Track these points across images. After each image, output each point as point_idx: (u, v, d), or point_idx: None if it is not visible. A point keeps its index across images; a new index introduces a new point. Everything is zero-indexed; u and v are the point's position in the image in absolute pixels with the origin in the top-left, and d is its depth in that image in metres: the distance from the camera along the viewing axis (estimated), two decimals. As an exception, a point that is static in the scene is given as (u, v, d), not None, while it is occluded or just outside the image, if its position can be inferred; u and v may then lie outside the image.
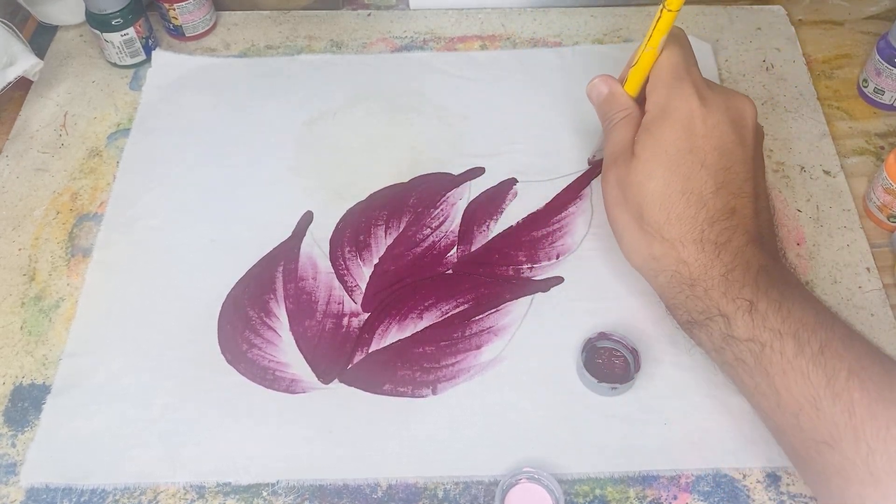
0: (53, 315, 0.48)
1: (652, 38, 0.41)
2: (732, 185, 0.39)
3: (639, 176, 0.40)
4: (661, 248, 0.39)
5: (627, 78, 0.44)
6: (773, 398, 0.35)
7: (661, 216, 0.39)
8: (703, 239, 0.38)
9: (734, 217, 0.39)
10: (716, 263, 0.38)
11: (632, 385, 0.44)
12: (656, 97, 0.41)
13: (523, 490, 0.40)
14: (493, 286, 0.49)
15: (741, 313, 0.36)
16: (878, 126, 0.57)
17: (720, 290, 0.37)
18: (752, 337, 0.36)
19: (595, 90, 0.46)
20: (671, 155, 0.39)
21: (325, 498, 0.42)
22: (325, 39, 0.64)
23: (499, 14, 0.65)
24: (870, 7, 0.65)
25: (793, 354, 0.35)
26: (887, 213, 0.51)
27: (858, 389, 0.33)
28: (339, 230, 0.52)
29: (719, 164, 0.39)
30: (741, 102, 0.41)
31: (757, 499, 0.41)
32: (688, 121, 0.39)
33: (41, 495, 0.42)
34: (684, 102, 0.40)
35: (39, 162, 0.56)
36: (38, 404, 0.45)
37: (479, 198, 0.53)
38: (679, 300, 0.39)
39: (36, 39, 0.64)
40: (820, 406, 0.33)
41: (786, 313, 0.35)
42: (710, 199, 0.38)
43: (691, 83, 0.40)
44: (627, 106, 0.44)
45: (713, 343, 0.38)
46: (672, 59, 0.41)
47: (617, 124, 0.43)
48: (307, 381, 0.46)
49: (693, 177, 0.39)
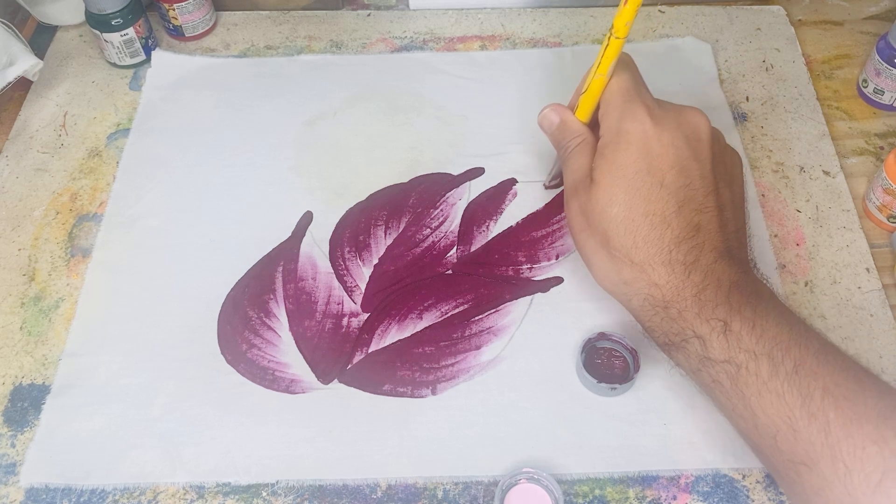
0: (53, 315, 0.48)
1: (601, 65, 0.41)
2: (694, 201, 0.39)
3: (600, 202, 0.39)
4: (630, 273, 0.39)
5: (578, 105, 0.44)
6: (750, 420, 0.35)
7: (628, 240, 0.38)
8: (672, 260, 0.38)
9: (700, 234, 0.38)
10: (687, 284, 0.37)
11: (631, 385, 0.44)
12: (609, 122, 0.41)
13: (523, 490, 0.40)
14: (492, 286, 0.49)
15: (716, 334, 0.36)
16: (877, 126, 0.57)
17: (693, 310, 0.37)
18: (728, 358, 0.36)
19: (546, 120, 0.45)
20: (629, 178, 0.39)
21: (325, 498, 0.42)
22: (325, 39, 0.64)
23: (499, 14, 0.65)
24: (869, 7, 0.65)
25: (768, 375, 0.34)
26: (887, 214, 0.51)
27: (833, 409, 0.33)
28: (339, 230, 0.52)
29: (678, 181, 0.39)
30: (692, 116, 0.41)
31: (756, 499, 0.41)
32: (642, 142, 0.39)
33: (41, 495, 0.42)
34: (637, 124, 0.40)
35: (39, 162, 0.56)
36: (37, 404, 0.45)
37: (478, 198, 0.53)
38: (654, 322, 0.39)
39: (36, 39, 0.64)
40: (796, 427, 0.33)
41: (759, 332, 0.35)
42: (673, 218, 0.38)
43: (642, 104, 0.40)
44: (580, 132, 0.43)
45: (690, 365, 0.38)
46: (622, 84, 0.41)
47: (572, 152, 0.43)
48: (307, 382, 0.46)
49: (654, 198, 0.38)
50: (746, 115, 0.58)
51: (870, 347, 0.46)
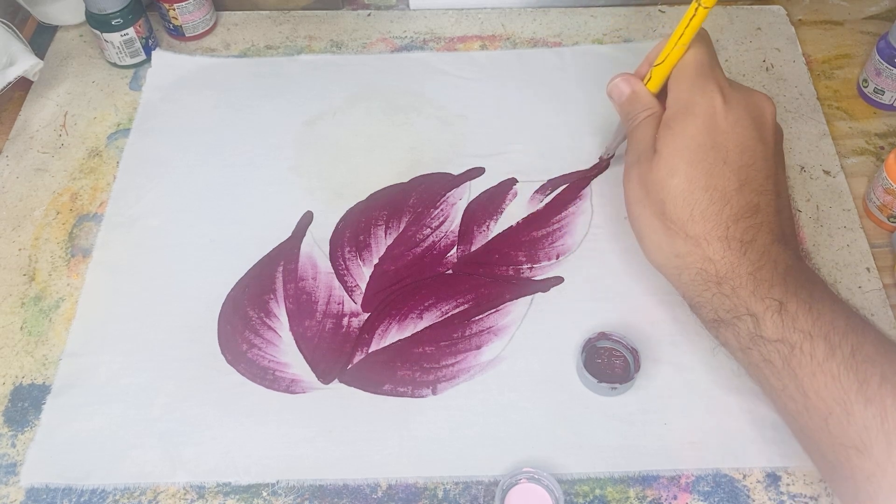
0: (53, 315, 0.48)
1: (684, 36, 0.40)
2: (755, 182, 0.39)
3: (661, 172, 0.39)
4: (685, 246, 0.39)
5: (651, 76, 0.44)
6: (801, 401, 0.35)
7: (685, 213, 0.38)
8: (729, 236, 0.38)
9: (758, 214, 0.38)
10: (743, 261, 0.37)
11: (632, 385, 0.44)
12: (678, 93, 0.41)
13: (523, 490, 0.40)
14: (493, 286, 0.49)
15: (770, 313, 0.36)
16: (877, 126, 0.57)
17: (748, 288, 0.37)
18: (782, 338, 0.35)
19: (617, 90, 0.45)
20: (693, 151, 0.39)
21: (325, 498, 0.42)
22: (325, 39, 0.64)
23: (499, 14, 0.65)
24: (870, 7, 0.65)
25: (823, 357, 0.34)
26: (887, 214, 0.51)
27: (891, 395, 0.32)
28: (339, 230, 0.52)
29: (741, 160, 0.39)
30: (761, 100, 0.41)
31: (757, 499, 0.41)
32: (710, 117, 0.39)
33: (41, 495, 0.42)
34: (707, 99, 0.40)
35: (39, 162, 0.56)
36: (38, 404, 0.45)
37: (479, 198, 0.53)
38: (705, 298, 0.39)
39: (36, 39, 0.64)
40: (851, 410, 0.33)
41: (816, 315, 0.35)
42: (733, 195, 0.38)
43: (714, 80, 0.40)
44: (651, 105, 0.43)
45: (740, 343, 0.38)
46: (698, 57, 0.41)
47: (641, 123, 0.43)
48: (307, 382, 0.46)
49: (716, 173, 0.38)
50: (747, 115, 0.58)
51: (870, 347, 0.46)
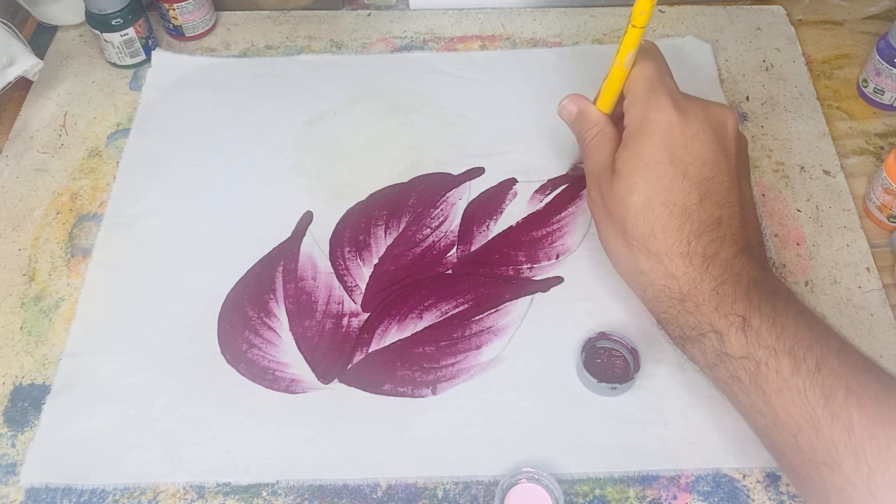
0: (53, 315, 0.48)
1: (619, 54, 0.41)
2: (717, 195, 0.39)
3: (620, 191, 0.39)
4: (647, 262, 0.38)
5: (599, 93, 0.44)
6: (769, 417, 0.35)
7: (645, 229, 0.38)
8: (691, 252, 0.37)
9: (720, 228, 0.38)
10: (705, 277, 0.37)
11: (632, 385, 0.44)
12: (634, 112, 0.41)
13: (523, 490, 0.40)
14: (492, 286, 0.49)
15: (734, 329, 0.36)
16: (877, 126, 0.57)
17: (711, 304, 0.36)
18: (747, 354, 0.35)
19: (565, 110, 0.46)
20: (651, 167, 0.39)
21: (325, 498, 0.42)
22: (325, 39, 0.64)
23: (499, 14, 0.65)
24: (870, 7, 0.65)
25: (789, 373, 0.34)
26: (887, 213, 0.51)
27: (857, 408, 0.32)
28: (339, 230, 0.52)
29: (701, 174, 0.38)
30: (721, 112, 0.41)
31: (757, 499, 0.41)
32: (666, 132, 0.39)
33: (41, 495, 0.42)
34: (661, 114, 0.39)
35: (39, 162, 0.56)
36: (37, 404, 0.45)
37: (478, 198, 0.53)
38: (670, 315, 0.38)
39: (36, 39, 0.64)
40: (818, 426, 0.33)
41: (780, 329, 0.35)
42: (694, 210, 0.38)
43: (667, 94, 0.40)
44: (598, 121, 0.43)
45: (706, 360, 0.37)
46: (645, 73, 0.41)
47: (591, 142, 0.43)
48: (307, 381, 0.46)
49: (675, 188, 0.38)
50: (746, 115, 0.58)
51: (870, 347, 0.46)
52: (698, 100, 0.41)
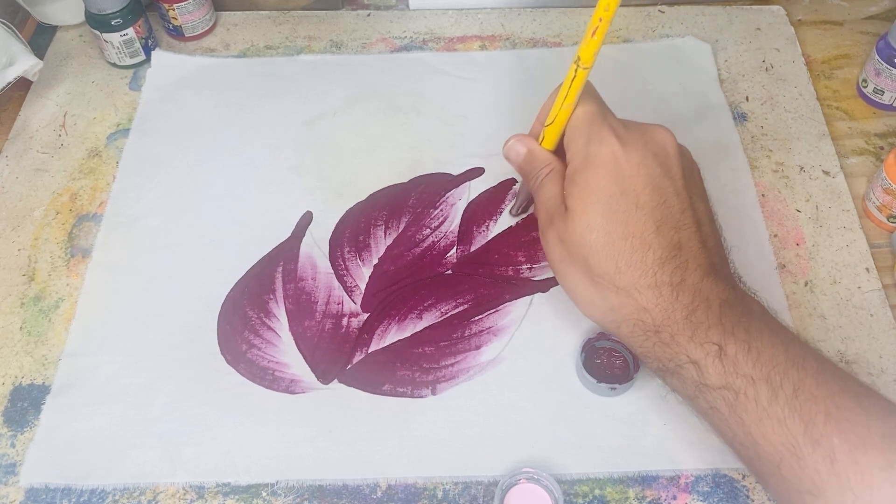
0: (53, 315, 0.48)
1: (568, 97, 0.40)
2: (671, 219, 0.38)
3: (578, 229, 0.38)
4: (616, 298, 0.37)
5: (544, 135, 0.43)
6: (751, 448, 0.34)
7: (610, 265, 0.37)
8: (658, 282, 0.37)
9: (682, 252, 0.37)
10: (676, 306, 0.36)
11: (631, 385, 0.44)
12: (576, 147, 0.40)
13: (523, 490, 0.40)
14: (492, 286, 0.49)
15: (711, 359, 0.35)
16: (877, 126, 0.57)
17: (686, 334, 0.36)
18: (725, 384, 0.35)
19: (512, 151, 0.44)
20: (604, 202, 0.38)
21: (325, 498, 0.42)
22: (325, 39, 0.64)
23: (498, 14, 0.65)
24: (869, 7, 0.65)
25: (767, 401, 0.33)
26: (887, 214, 0.51)
27: (837, 433, 0.32)
28: (339, 230, 0.52)
29: (653, 200, 0.38)
30: (658, 134, 0.40)
31: (756, 499, 0.41)
32: (612, 164, 0.38)
33: (41, 495, 0.42)
34: (605, 147, 0.39)
35: (39, 162, 0.56)
36: (37, 404, 0.45)
37: (478, 198, 0.53)
38: (647, 348, 0.38)
39: (36, 39, 0.64)
40: (800, 455, 0.32)
41: (756, 355, 0.34)
42: (653, 238, 0.37)
43: (609, 127, 0.39)
44: (549, 160, 0.43)
45: (686, 391, 0.37)
46: (587, 109, 0.40)
47: (543, 181, 0.42)
48: (307, 382, 0.46)
49: (631, 220, 0.37)
50: (746, 115, 0.58)
51: (870, 347, 0.46)
52: (637, 125, 0.41)
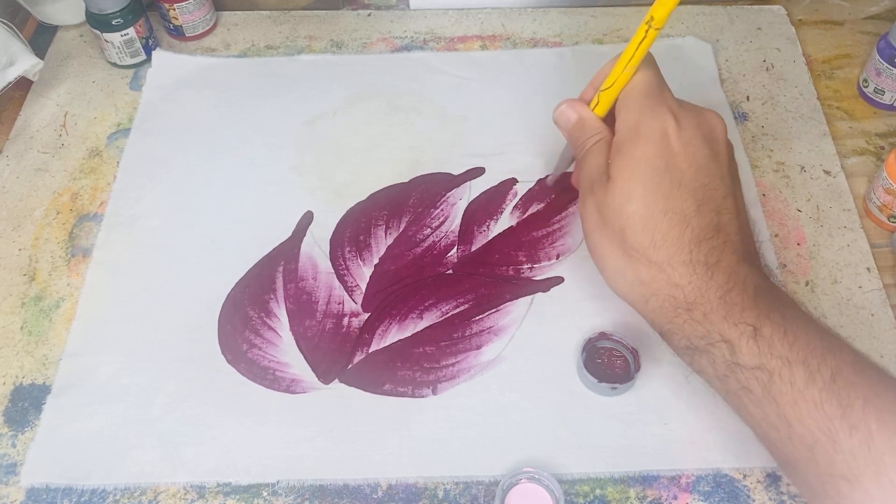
0: (53, 315, 0.48)
1: (634, 58, 0.39)
2: (713, 201, 0.38)
3: (617, 199, 0.38)
4: (648, 272, 0.37)
5: (599, 100, 0.42)
6: (783, 430, 0.34)
7: (646, 238, 0.37)
8: (693, 260, 0.36)
9: (720, 234, 0.37)
10: (710, 285, 0.36)
11: (632, 385, 0.44)
12: (627, 117, 0.40)
13: (523, 490, 0.40)
14: (493, 286, 0.49)
15: (745, 339, 0.35)
16: (878, 126, 0.57)
17: (720, 313, 0.35)
18: (760, 365, 0.34)
19: (563, 116, 0.44)
20: (648, 174, 0.38)
21: (325, 498, 0.42)
22: (325, 39, 0.64)
23: (499, 14, 0.65)
24: (870, 7, 0.65)
25: (803, 384, 0.33)
26: (887, 214, 0.51)
27: (875, 420, 0.32)
28: (340, 230, 0.52)
29: (697, 180, 0.38)
30: (712, 118, 0.40)
31: (757, 499, 0.41)
32: (662, 139, 0.38)
33: (41, 495, 0.42)
34: (658, 121, 0.38)
35: (39, 162, 0.56)
36: (38, 404, 0.45)
37: (479, 198, 0.53)
38: (675, 325, 0.37)
39: (36, 39, 0.64)
40: (836, 438, 0.32)
41: (792, 339, 0.34)
42: (692, 217, 0.37)
43: (664, 102, 0.39)
44: (599, 129, 0.42)
45: (716, 371, 0.36)
46: (646, 80, 0.40)
47: (591, 149, 0.41)
48: (307, 381, 0.46)
49: (673, 195, 0.37)
50: (747, 115, 0.58)
51: (870, 347, 0.46)
52: (691, 106, 0.41)
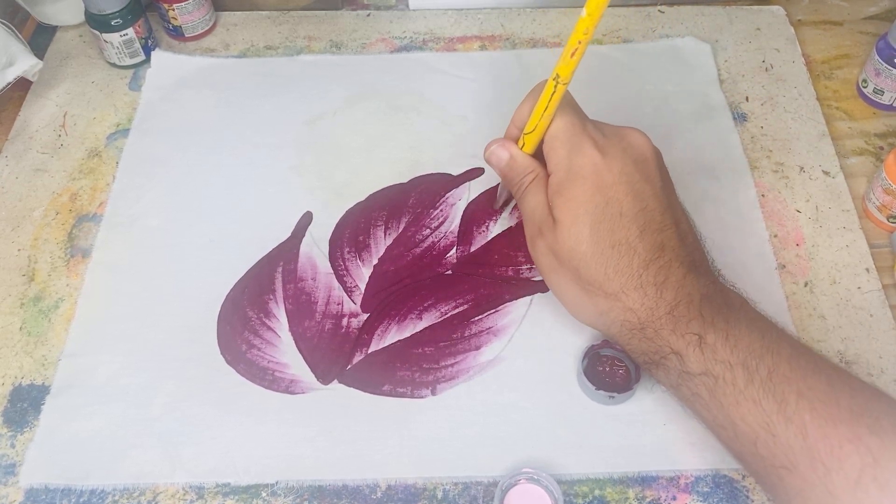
0: (53, 315, 0.48)
1: (548, 110, 0.40)
2: (653, 222, 0.40)
3: (568, 242, 0.40)
4: (605, 303, 0.39)
5: (525, 142, 0.43)
6: (730, 429, 0.36)
7: (599, 273, 0.39)
8: (643, 283, 0.38)
9: (665, 253, 0.39)
10: (660, 303, 0.38)
11: (630, 395, 0.44)
12: (558, 158, 0.41)
13: (523, 490, 0.40)
14: (492, 287, 0.49)
15: (692, 348, 0.37)
16: (877, 126, 0.57)
17: (668, 328, 0.38)
18: (705, 371, 0.36)
19: (495, 156, 0.45)
20: (591, 214, 0.39)
21: (325, 498, 0.42)
22: (325, 40, 0.64)
23: (498, 14, 0.65)
24: (869, 7, 0.65)
25: (744, 384, 0.35)
26: (887, 214, 0.51)
27: (808, 411, 0.34)
28: (339, 230, 0.52)
29: (635, 206, 0.39)
30: (635, 139, 0.42)
31: (756, 499, 0.41)
32: (595, 176, 0.40)
33: (40, 496, 0.42)
34: (587, 158, 0.40)
35: (39, 162, 0.56)
36: (37, 405, 0.45)
37: (478, 198, 0.53)
38: (633, 344, 0.39)
39: (35, 40, 0.64)
40: (775, 432, 0.34)
41: (733, 342, 0.36)
42: (637, 243, 0.39)
43: (588, 137, 0.41)
44: (531, 167, 0.43)
45: (670, 380, 0.38)
46: (566, 121, 0.41)
47: (528, 189, 0.43)
48: (306, 382, 0.46)
49: (616, 228, 0.39)
50: (746, 115, 0.58)
51: (870, 347, 0.46)
52: (614, 130, 0.42)
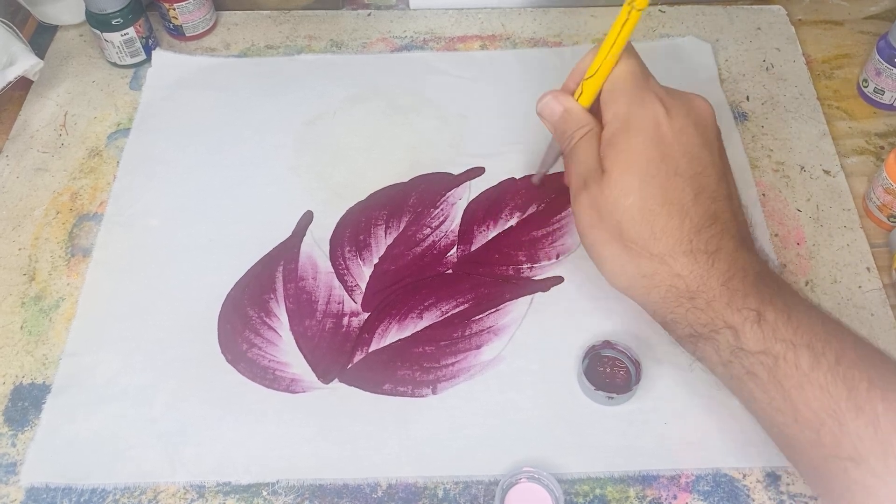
0: (53, 315, 0.48)
1: (617, 43, 0.38)
2: (708, 189, 0.38)
3: (614, 193, 0.37)
4: (650, 265, 0.37)
5: (583, 90, 0.41)
6: (789, 413, 0.34)
7: (645, 231, 0.37)
8: (694, 249, 0.36)
9: (717, 222, 0.37)
10: (712, 273, 0.36)
11: (631, 396, 0.44)
12: (616, 108, 0.39)
13: (523, 490, 0.40)
14: (493, 286, 0.49)
15: (749, 324, 0.35)
16: (877, 126, 0.57)
17: (723, 300, 0.36)
18: (765, 349, 0.34)
19: (548, 108, 0.42)
20: (643, 167, 0.37)
21: (325, 497, 0.42)
22: (325, 39, 0.64)
23: (499, 14, 0.65)
24: (870, 7, 0.65)
25: (809, 367, 0.33)
26: (887, 213, 0.51)
27: (881, 401, 0.32)
28: (339, 230, 0.52)
29: (692, 169, 0.38)
30: (700, 104, 0.40)
31: (757, 498, 0.41)
32: (654, 129, 0.38)
33: (41, 495, 0.42)
34: (649, 111, 0.38)
35: (39, 162, 0.56)
36: (38, 404, 0.45)
37: (479, 197, 0.53)
38: (678, 314, 0.37)
39: (36, 39, 0.64)
40: (843, 420, 0.32)
41: (795, 323, 0.34)
42: (690, 206, 0.37)
43: (652, 91, 0.39)
44: (586, 121, 0.41)
45: (720, 357, 0.36)
46: (630, 68, 0.39)
47: (579, 143, 0.40)
48: (307, 381, 0.46)
49: (670, 186, 0.37)
50: (747, 115, 0.58)
51: (870, 347, 0.46)
52: (679, 92, 0.40)
